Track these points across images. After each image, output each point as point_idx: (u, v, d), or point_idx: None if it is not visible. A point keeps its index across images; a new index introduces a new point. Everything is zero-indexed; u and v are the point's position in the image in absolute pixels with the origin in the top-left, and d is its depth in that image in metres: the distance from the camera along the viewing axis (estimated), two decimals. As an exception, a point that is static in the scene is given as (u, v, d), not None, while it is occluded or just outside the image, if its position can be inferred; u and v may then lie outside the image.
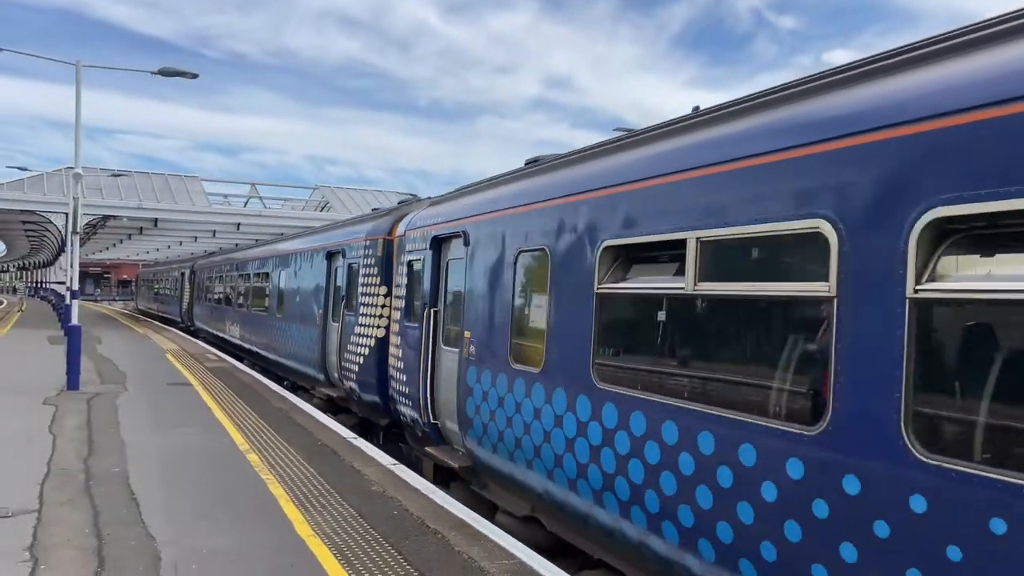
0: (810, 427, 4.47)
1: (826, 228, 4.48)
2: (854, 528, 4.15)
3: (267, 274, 21.65)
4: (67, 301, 21.63)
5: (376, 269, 13.05)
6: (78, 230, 18.98)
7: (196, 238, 46.73)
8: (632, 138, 7.06)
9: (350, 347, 13.89)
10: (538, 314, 7.59)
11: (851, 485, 4.19)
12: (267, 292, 21.49)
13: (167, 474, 9.08)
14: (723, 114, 5.85)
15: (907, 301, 3.99)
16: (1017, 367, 3.74)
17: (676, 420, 5.49)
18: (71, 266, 19.90)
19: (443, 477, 9.88)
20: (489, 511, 8.56)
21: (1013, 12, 4.07)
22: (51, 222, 36.82)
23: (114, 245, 59.30)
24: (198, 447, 10.60)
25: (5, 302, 70.71)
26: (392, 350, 11.87)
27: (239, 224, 38.27)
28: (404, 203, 14.36)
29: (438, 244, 10.36)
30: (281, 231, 34.55)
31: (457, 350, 9.37)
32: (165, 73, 21.00)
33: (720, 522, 5.06)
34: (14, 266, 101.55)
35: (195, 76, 21.03)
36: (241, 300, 24.98)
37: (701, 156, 5.63)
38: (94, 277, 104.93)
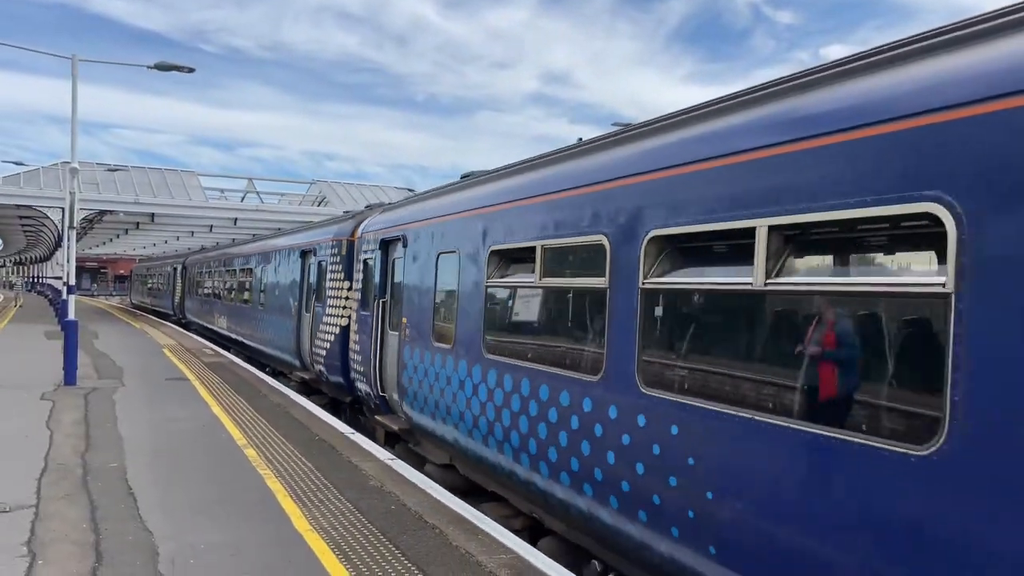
0: (594, 375, 6.33)
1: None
2: (615, 440, 6.03)
3: (251, 270, 23.19)
4: (64, 296, 21.60)
5: (341, 266, 14.66)
6: (75, 225, 18.92)
7: (193, 233, 46.64)
8: (513, 168, 8.94)
9: (319, 335, 15.63)
10: (450, 303, 9.40)
11: (612, 411, 6.08)
12: (251, 286, 23.10)
13: (164, 469, 9.09)
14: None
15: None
16: None
17: (529, 378, 7.33)
18: (67, 261, 19.86)
19: (391, 441, 11.58)
20: (421, 464, 10.26)
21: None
22: (48, 217, 36.70)
23: (111, 240, 59.18)
24: (196, 442, 10.60)
25: (2, 297, 70.58)
26: (352, 336, 13.69)
27: (236, 219, 38.17)
28: (370, 207, 16.06)
29: (385, 245, 12.19)
30: (278, 226, 34.51)
31: (398, 333, 11.17)
32: (161, 67, 20.94)
33: (571, 457, 6.65)
34: (11, 261, 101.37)
35: (191, 70, 20.97)
36: (228, 294, 26.81)
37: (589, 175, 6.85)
38: (91, 272, 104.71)
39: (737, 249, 5.08)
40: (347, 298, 14.19)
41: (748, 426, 4.81)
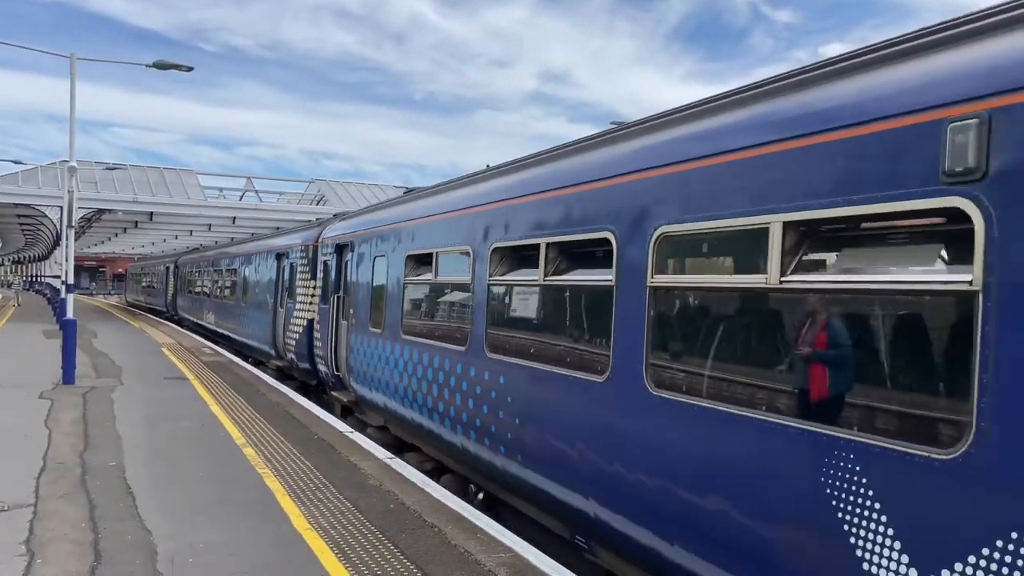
0: (462, 346, 8.56)
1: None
2: (480, 394, 8.15)
3: (235, 270, 25.40)
4: (62, 295, 21.58)
5: (308, 267, 16.82)
6: (73, 224, 18.91)
7: (192, 232, 46.64)
8: (435, 188, 11.17)
9: (291, 327, 17.79)
10: (381, 296, 11.61)
11: (472, 371, 8.39)
12: (235, 285, 25.36)
13: (163, 468, 9.08)
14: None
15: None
16: None
17: (429, 352, 9.53)
18: (66, 260, 19.85)
19: (345, 412, 13.75)
20: (363, 428, 12.43)
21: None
22: (46, 216, 36.69)
23: (109, 239, 59.16)
24: (194, 441, 10.59)
25: (0, 295, 70.50)
26: (315, 326, 15.80)
27: (235, 218, 38.17)
28: (338, 215, 18.38)
29: (340, 249, 14.39)
30: (277, 225, 34.54)
31: (347, 322, 13.46)
32: (160, 66, 20.93)
33: (463, 413, 8.51)
34: (9, 260, 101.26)
35: (190, 69, 20.96)
36: (216, 292, 29.14)
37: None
38: (89, 271, 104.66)
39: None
40: (312, 295, 16.24)
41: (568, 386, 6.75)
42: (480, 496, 8.82)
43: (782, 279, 4.51)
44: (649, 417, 5.58)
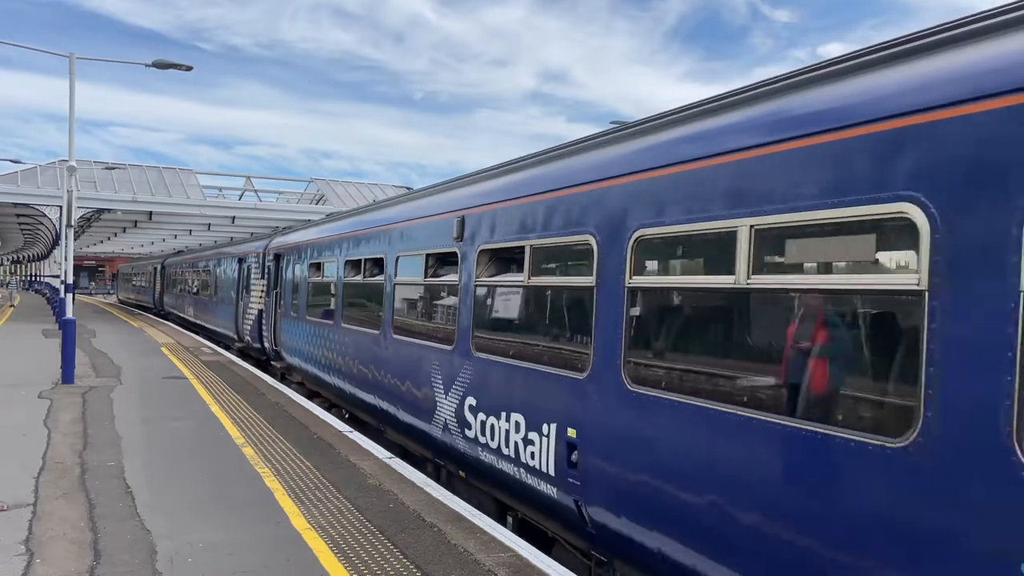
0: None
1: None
2: (360, 353, 12.01)
3: (209, 271, 30.52)
4: (61, 295, 21.54)
5: (260, 270, 21.30)
6: (72, 223, 18.90)
7: (191, 231, 46.60)
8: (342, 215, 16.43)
9: (247, 316, 22.60)
10: (295, 291, 16.68)
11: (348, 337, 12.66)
12: (207, 284, 30.75)
13: (163, 468, 9.08)
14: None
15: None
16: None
17: (323, 327, 13.86)
18: (65, 260, 19.84)
19: (281, 377, 18.48)
20: (291, 386, 16.91)
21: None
22: (45, 215, 36.67)
23: (109, 239, 59.13)
24: (194, 441, 10.59)
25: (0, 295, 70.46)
26: (263, 315, 20.36)
27: (234, 218, 38.16)
28: (279, 231, 23.67)
29: (277, 257, 19.03)
30: (276, 224, 34.52)
31: (281, 311, 18.22)
32: (159, 65, 20.91)
33: (351, 368, 12.24)
34: (8, 260, 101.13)
35: (189, 68, 20.95)
36: (194, 289, 34.34)
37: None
38: (88, 271, 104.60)
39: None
40: (261, 291, 20.71)
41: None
42: (346, 416, 13.53)
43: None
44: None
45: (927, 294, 3.73)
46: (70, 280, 19.74)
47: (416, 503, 7.88)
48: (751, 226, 4.74)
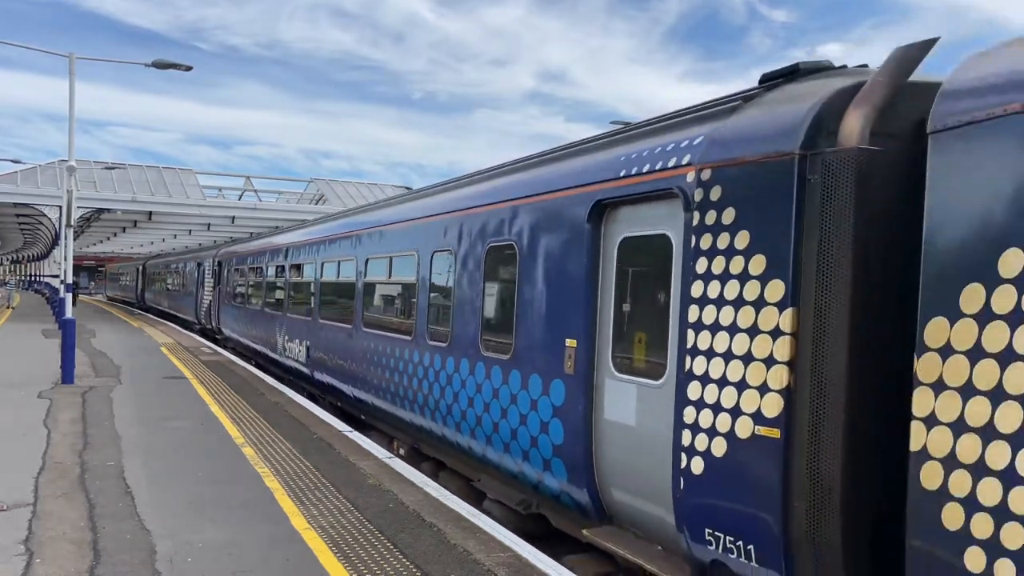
0: (258, 308, 21.24)
1: None
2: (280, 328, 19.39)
3: (178, 271, 39.44)
4: (61, 294, 21.54)
5: (210, 272, 29.32)
6: (72, 223, 18.89)
7: (191, 231, 46.56)
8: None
9: (202, 305, 31.13)
10: (228, 286, 25.33)
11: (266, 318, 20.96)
12: (176, 280, 39.92)
13: (162, 468, 9.08)
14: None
15: None
16: None
17: (240, 310, 23.40)
18: (65, 259, 19.84)
19: (222, 347, 25.52)
20: (230, 352, 24.01)
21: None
22: (45, 215, 36.63)
23: (108, 239, 59.09)
24: (193, 440, 10.59)
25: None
26: (213, 304, 28.29)
27: (233, 217, 38.11)
28: (224, 243, 32.57)
29: (220, 263, 27.14)
30: (276, 224, 34.50)
31: (222, 301, 26.28)
32: (160, 65, 20.90)
33: (272, 342, 19.40)
34: (8, 259, 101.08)
35: (189, 68, 20.94)
36: (168, 285, 42.96)
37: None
38: (88, 270, 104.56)
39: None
40: (213, 287, 28.77)
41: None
42: (253, 363, 20.89)
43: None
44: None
45: None
46: (70, 280, 19.74)
47: (416, 503, 7.89)
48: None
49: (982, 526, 3.65)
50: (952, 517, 3.78)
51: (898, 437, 4.30)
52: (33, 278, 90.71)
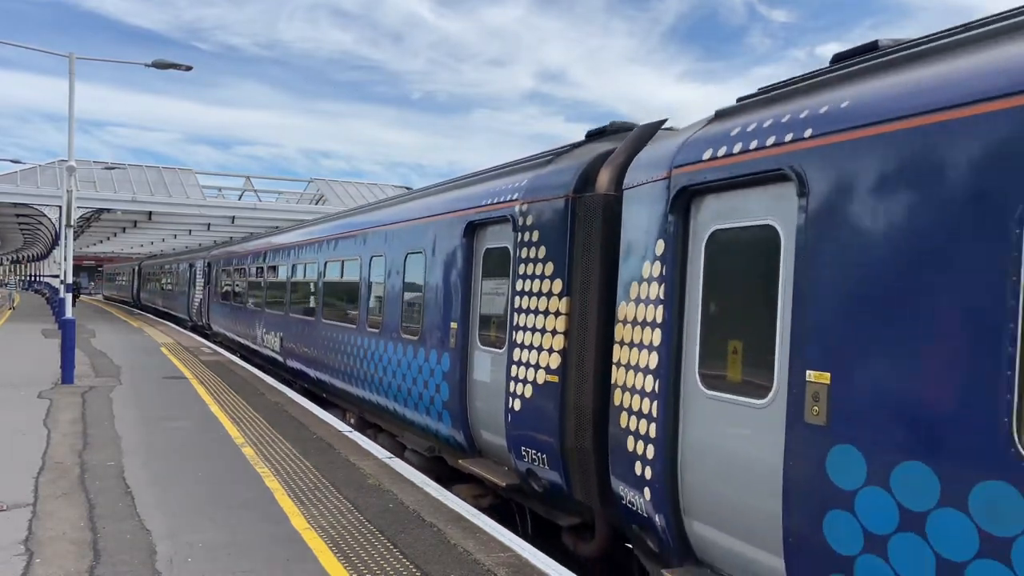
0: (241, 304, 24.04)
1: None
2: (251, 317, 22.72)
3: (171, 270, 42.50)
4: (61, 294, 21.54)
5: (201, 272, 32.05)
6: (72, 223, 18.89)
7: (191, 231, 46.56)
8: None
9: (193, 302, 33.94)
10: (217, 284, 28.07)
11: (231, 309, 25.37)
12: (171, 279, 42.40)
13: (162, 468, 9.08)
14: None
15: None
16: None
17: (227, 307, 26.00)
18: (65, 260, 19.83)
19: (213, 342, 27.35)
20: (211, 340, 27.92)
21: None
22: (45, 215, 36.63)
23: (108, 239, 59.08)
24: (193, 441, 10.59)
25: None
26: (202, 302, 31.35)
27: (233, 217, 38.09)
28: (212, 247, 35.03)
29: (209, 265, 29.88)
30: (276, 224, 34.50)
31: (212, 299, 29.03)
32: (160, 65, 20.89)
33: (249, 334, 22.19)
34: (7, 259, 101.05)
35: (189, 68, 20.92)
36: (162, 285, 46.05)
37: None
38: (88, 270, 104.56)
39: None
40: (203, 285, 31.47)
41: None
42: (239, 355, 22.73)
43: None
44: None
45: None
46: (70, 280, 19.73)
47: (415, 503, 7.89)
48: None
49: (633, 424, 5.95)
50: (624, 419, 6.09)
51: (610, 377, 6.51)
52: (33, 278, 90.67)
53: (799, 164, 4.54)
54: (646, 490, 5.74)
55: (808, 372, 4.42)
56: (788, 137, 4.68)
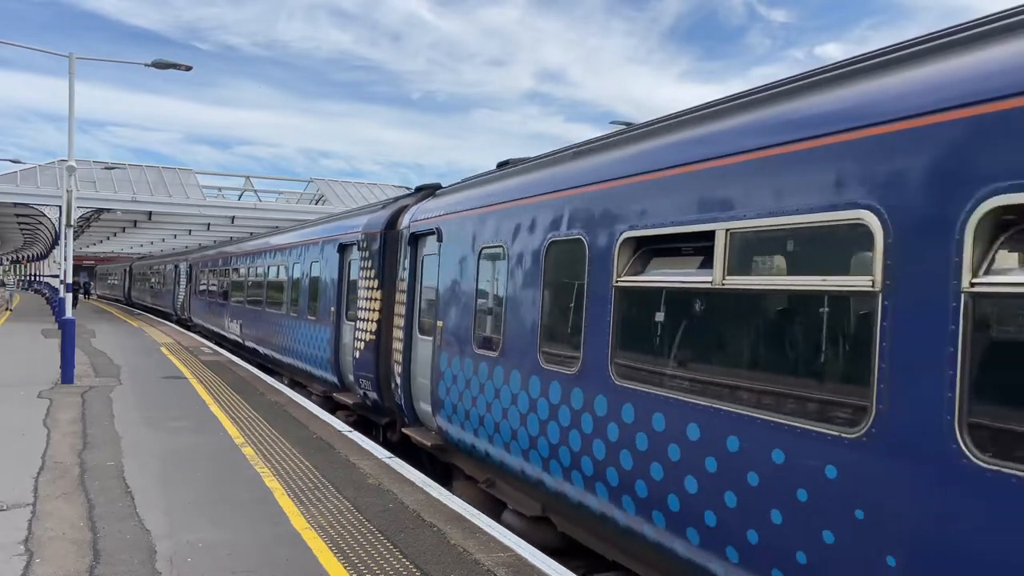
0: (214, 300, 29.83)
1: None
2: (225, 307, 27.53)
3: (160, 271, 46.89)
4: (61, 294, 21.53)
5: (185, 273, 36.04)
6: (72, 223, 18.88)
7: (191, 231, 46.55)
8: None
9: (178, 299, 37.99)
10: (204, 286, 31.75)
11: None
12: (162, 279, 45.75)
13: (162, 467, 9.08)
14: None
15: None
16: None
17: (205, 302, 31.32)
18: (65, 259, 19.82)
19: (196, 333, 31.56)
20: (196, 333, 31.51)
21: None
22: (44, 215, 36.64)
23: (108, 239, 59.08)
24: (193, 441, 10.59)
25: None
26: (188, 297, 35.52)
27: (233, 217, 38.07)
28: (193, 250, 39.23)
29: (191, 265, 34.95)
30: (276, 224, 34.50)
31: (193, 295, 34.31)
32: (159, 65, 20.88)
33: (229, 327, 26.05)
34: (8, 259, 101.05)
35: (189, 68, 20.92)
36: (152, 284, 50.63)
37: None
38: (88, 270, 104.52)
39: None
40: (185, 284, 35.96)
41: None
42: (216, 343, 26.43)
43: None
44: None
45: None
46: (70, 280, 19.72)
47: (415, 503, 7.89)
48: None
49: (396, 356, 11.14)
50: (394, 355, 11.30)
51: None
52: (33, 278, 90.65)
53: (437, 226, 10.03)
54: (399, 391, 11.00)
55: (437, 322, 9.74)
56: (438, 213, 10.19)
